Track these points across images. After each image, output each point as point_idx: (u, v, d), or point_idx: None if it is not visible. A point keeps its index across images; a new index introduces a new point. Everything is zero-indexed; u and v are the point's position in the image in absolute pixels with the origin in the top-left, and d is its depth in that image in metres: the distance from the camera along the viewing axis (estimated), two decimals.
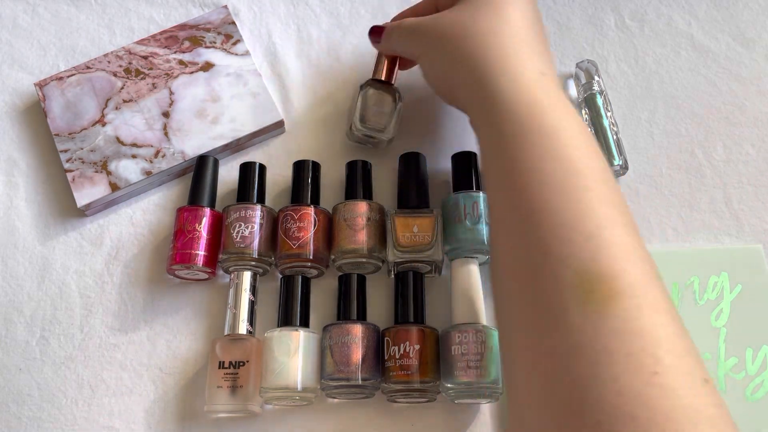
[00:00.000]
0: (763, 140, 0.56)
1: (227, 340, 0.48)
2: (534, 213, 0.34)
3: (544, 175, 0.35)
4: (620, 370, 0.28)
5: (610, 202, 0.34)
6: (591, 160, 0.36)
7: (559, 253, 0.32)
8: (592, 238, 0.32)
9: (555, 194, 0.34)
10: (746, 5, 0.62)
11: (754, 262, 0.52)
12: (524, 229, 0.34)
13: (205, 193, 0.53)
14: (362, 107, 0.53)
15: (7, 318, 0.52)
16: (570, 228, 0.32)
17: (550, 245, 0.33)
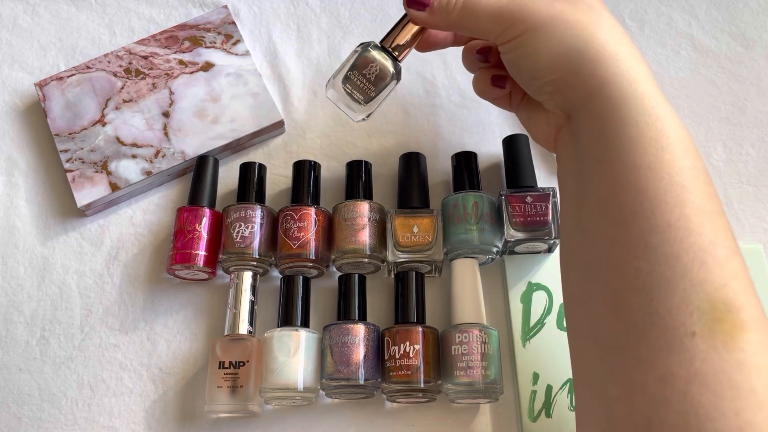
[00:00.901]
0: (763, 140, 0.56)
1: (227, 340, 0.48)
2: (668, 229, 0.32)
3: (685, 191, 0.33)
4: (744, 404, 0.28)
5: (729, 228, 0.34)
6: (711, 185, 0.35)
7: (693, 277, 0.31)
8: (724, 265, 0.31)
9: (693, 214, 0.32)
10: (746, 5, 0.62)
11: (754, 262, 0.52)
12: (655, 244, 0.32)
13: (205, 193, 0.53)
14: (351, 66, 0.45)
15: (7, 318, 0.52)
16: (706, 251, 0.31)
17: (685, 266, 0.31)
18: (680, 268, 0.31)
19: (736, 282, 0.31)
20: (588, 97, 0.37)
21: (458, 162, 0.53)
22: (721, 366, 0.29)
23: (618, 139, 0.35)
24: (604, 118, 0.36)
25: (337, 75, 0.45)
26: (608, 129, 0.36)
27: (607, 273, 0.34)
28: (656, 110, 0.35)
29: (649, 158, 0.34)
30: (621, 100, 0.36)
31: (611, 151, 0.35)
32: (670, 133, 0.34)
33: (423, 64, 0.61)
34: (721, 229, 0.33)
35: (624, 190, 0.34)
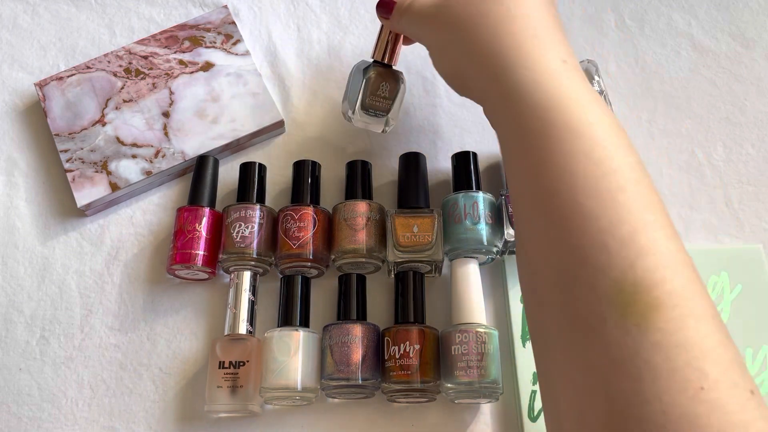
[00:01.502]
0: (763, 140, 0.57)
1: (227, 340, 0.48)
2: (565, 219, 0.32)
3: (574, 177, 0.32)
4: (664, 386, 0.27)
5: (647, 202, 0.32)
6: (624, 156, 0.33)
7: (595, 262, 0.30)
8: (628, 244, 0.30)
9: (587, 197, 0.31)
10: (746, 5, 0.62)
11: (754, 262, 0.52)
12: (555, 236, 0.32)
13: (205, 193, 0.53)
14: (364, 93, 0.50)
15: (7, 318, 0.52)
16: (605, 233, 0.30)
17: (584, 254, 0.30)
18: (581, 257, 0.31)
19: (646, 259, 0.29)
20: (493, 101, 0.39)
21: (458, 162, 0.53)
22: (636, 350, 0.28)
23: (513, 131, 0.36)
24: (510, 126, 0.37)
25: (354, 105, 0.51)
26: (516, 140, 0.36)
27: (527, 268, 0.35)
28: (568, 111, 0.34)
29: (541, 153, 0.34)
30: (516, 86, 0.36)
31: (525, 158, 0.36)
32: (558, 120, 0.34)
33: (423, 64, 0.61)
34: (622, 206, 0.31)
35: (521, 186, 0.35)
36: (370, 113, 0.51)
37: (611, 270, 0.29)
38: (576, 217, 0.31)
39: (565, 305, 0.31)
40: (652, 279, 0.29)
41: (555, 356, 0.32)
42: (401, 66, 0.60)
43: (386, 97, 0.51)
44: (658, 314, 0.28)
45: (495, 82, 0.37)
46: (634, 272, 0.29)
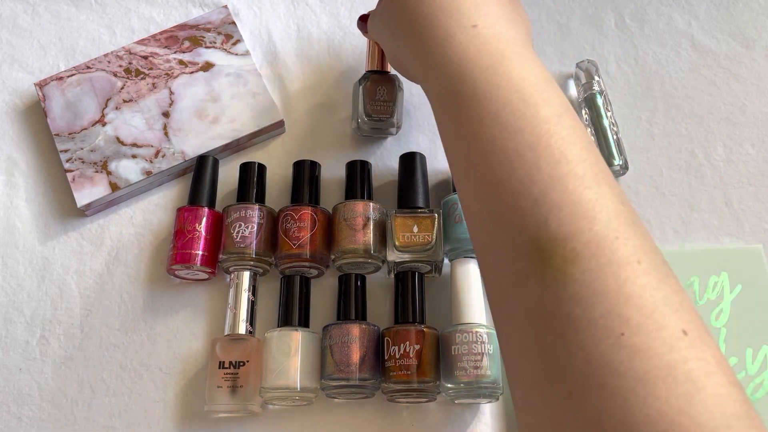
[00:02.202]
0: (763, 140, 0.56)
1: (227, 340, 0.48)
2: (483, 185, 0.32)
3: (484, 143, 0.32)
4: (585, 337, 0.27)
5: (561, 154, 0.31)
6: (538, 110, 0.32)
7: (511, 224, 0.30)
8: (540, 201, 0.30)
9: (498, 162, 0.32)
10: (746, 5, 0.62)
11: (754, 262, 0.52)
12: (479, 205, 0.33)
13: (205, 193, 0.53)
14: (364, 101, 0.53)
15: (7, 318, 0.52)
16: (517, 195, 0.30)
17: (502, 217, 0.31)
18: (500, 222, 0.31)
19: (559, 213, 0.29)
20: (420, 80, 0.41)
21: None
22: (556, 304, 0.28)
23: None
24: (433, 102, 0.39)
25: (359, 116, 0.53)
26: (438, 114, 0.38)
27: (471, 236, 0.35)
28: (474, 78, 0.35)
29: (456, 124, 0.35)
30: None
31: (446, 131, 0.37)
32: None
33: None
34: (531, 164, 0.31)
35: (450, 158, 0.37)
36: (374, 118, 0.53)
37: (527, 229, 0.30)
38: (491, 184, 0.32)
39: (495, 268, 0.32)
40: (567, 231, 0.29)
41: (497, 320, 0.32)
42: None
43: (386, 100, 0.53)
44: (575, 266, 0.28)
45: (418, 61, 0.39)
46: (547, 228, 0.29)
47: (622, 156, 0.54)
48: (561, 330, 0.27)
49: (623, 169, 0.54)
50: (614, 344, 0.26)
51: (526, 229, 0.30)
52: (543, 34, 0.61)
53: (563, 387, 0.27)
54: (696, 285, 0.51)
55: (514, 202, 0.30)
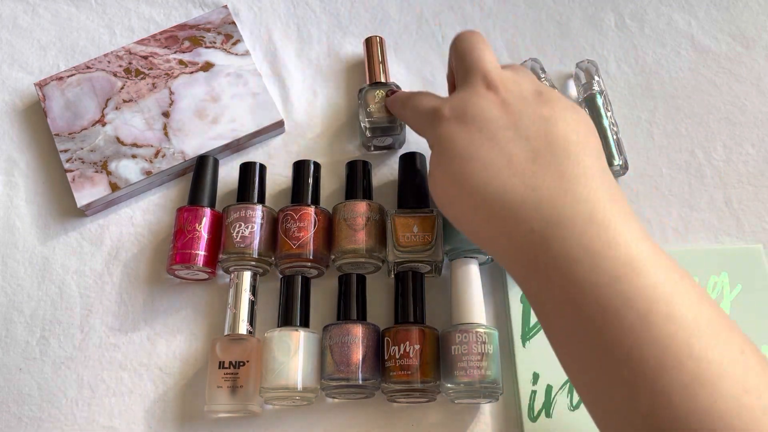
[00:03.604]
0: (763, 140, 0.57)
1: (227, 340, 0.48)
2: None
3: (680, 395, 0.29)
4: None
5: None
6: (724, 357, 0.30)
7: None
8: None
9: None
10: (746, 5, 0.62)
11: (754, 262, 0.52)
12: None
13: (205, 193, 0.53)
14: (364, 106, 0.53)
15: (7, 318, 0.52)
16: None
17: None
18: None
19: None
20: (533, 274, 0.37)
21: None
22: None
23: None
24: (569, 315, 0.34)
25: (362, 119, 0.53)
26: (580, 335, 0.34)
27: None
28: (669, 305, 0.32)
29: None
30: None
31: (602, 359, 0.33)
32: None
33: (423, 64, 0.61)
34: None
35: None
36: (376, 120, 0.53)
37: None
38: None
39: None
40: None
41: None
42: (400, 67, 0.61)
43: (384, 100, 0.54)
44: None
45: (534, 251, 0.35)
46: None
47: (622, 156, 0.54)
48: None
49: (623, 169, 0.54)
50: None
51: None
52: (543, 34, 0.61)
53: None
54: None
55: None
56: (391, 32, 0.62)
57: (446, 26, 0.62)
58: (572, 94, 0.59)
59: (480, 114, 0.39)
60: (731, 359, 0.29)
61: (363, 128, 0.54)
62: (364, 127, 0.54)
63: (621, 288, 0.31)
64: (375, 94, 0.54)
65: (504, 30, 0.62)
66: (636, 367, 0.30)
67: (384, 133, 0.54)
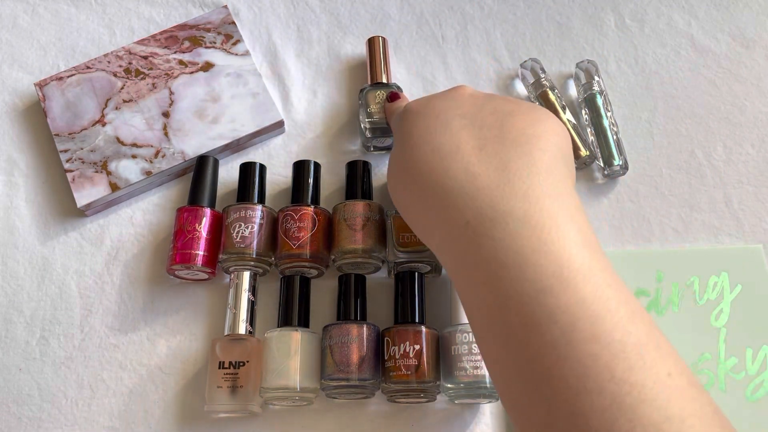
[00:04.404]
0: (763, 140, 0.56)
1: (227, 340, 0.48)
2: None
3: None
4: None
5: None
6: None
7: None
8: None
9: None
10: (746, 5, 0.62)
11: (754, 262, 0.52)
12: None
13: (205, 193, 0.53)
14: (365, 106, 0.54)
15: (7, 318, 0.52)
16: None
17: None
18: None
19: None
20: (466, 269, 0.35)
21: None
22: None
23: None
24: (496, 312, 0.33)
25: (362, 119, 0.54)
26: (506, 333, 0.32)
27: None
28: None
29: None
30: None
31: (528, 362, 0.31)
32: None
33: (423, 64, 0.61)
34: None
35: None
36: (376, 121, 0.53)
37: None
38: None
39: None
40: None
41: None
42: (400, 67, 0.61)
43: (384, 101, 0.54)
44: None
45: (468, 246, 0.34)
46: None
47: (622, 156, 0.54)
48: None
49: (623, 169, 0.54)
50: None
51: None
52: (543, 34, 0.61)
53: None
54: (696, 285, 0.51)
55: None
56: (391, 32, 0.62)
57: (446, 26, 0.62)
58: (572, 94, 0.59)
59: (442, 103, 0.40)
60: (655, 382, 0.28)
61: (363, 128, 0.54)
62: (364, 127, 0.54)
63: (546, 301, 0.29)
64: (376, 95, 0.54)
65: (504, 30, 0.62)
66: (556, 386, 0.28)
67: (384, 133, 0.54)
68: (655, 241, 0.53)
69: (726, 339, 0.49)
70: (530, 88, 0.58)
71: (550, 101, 0.56)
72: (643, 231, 0.54)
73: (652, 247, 0.53)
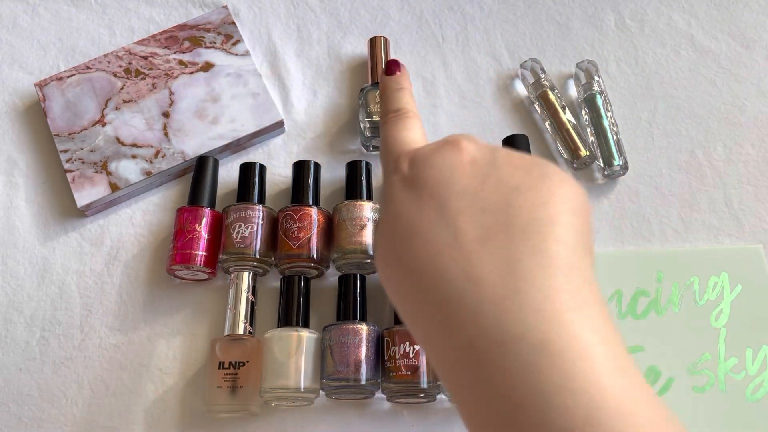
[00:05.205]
0: (763, 140, 0.56)
1: (227, 340, 0.48)
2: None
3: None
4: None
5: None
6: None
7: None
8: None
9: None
10: (746, 5, 0.62)
11: (754, 262, 0.52)
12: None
13: (205, 194, 0.53)
14: (365, 106, 0.54)
15: (7, 318, 0.52)
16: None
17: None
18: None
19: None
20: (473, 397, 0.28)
21: None
22: None
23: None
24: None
25: (362, 119, 0.54)
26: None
27: None
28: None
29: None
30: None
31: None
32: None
33: (423, 64, 0.61)
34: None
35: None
36: (376, 121, 0.53)
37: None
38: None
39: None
40: None
41: None
42: None
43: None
44: None
45: (475, 371, 0.27)
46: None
47: (622, 156, 0.54)
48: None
49: (623, 169, 0.54)
50: None
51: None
52: (543, 34, 0.61)
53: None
54: (696, 285, 0.51)
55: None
56: (391, 32, 0.62)
57: (446, 26, 0.62)
58: (572, 94, 0.59)
59: (437, 175, 0.31)
60: None
61: (363, 128, 0.54)
62: (363, 127, 0.54)
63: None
64: (376, 95, 0.54)
65: (504, 30, 0.62)
66: None
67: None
68: (655, 241, 0.53)
69: (726, 339, 0.49)
70: (530, 88, 0.58)
71: (550, 101, 0.56)
72: (643, 231, 0.54)
73: (652, 247, 0.53)
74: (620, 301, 0.51)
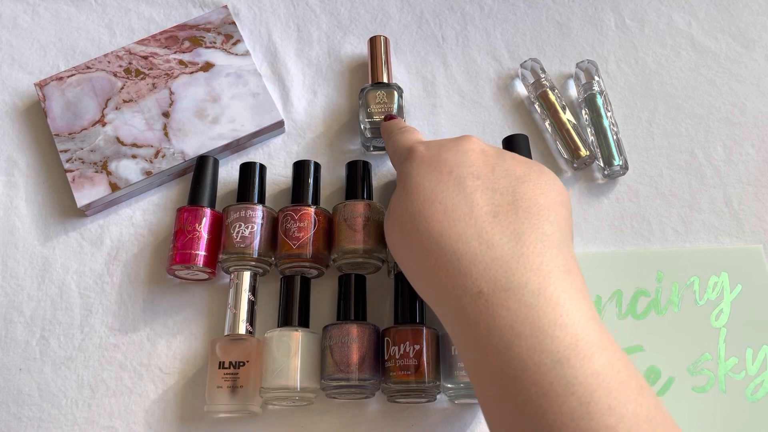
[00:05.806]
0: (763, 140, 0.57)
1: (227, 340, 0.48)
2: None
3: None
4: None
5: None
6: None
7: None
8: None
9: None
10: (746, 5, 0.62)
11: (754, 262, 0.52)
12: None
13: (205, 193, 0.53)
14: (365, 106, 0.54)
15: (7, 318, 0.52)
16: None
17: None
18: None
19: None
20: (457, 324, 0.37)
21: None
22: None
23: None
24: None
25: (362, 119, 0.54)
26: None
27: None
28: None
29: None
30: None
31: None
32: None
33: (423, 64, 0.61)
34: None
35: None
36: (376, 121, 0.54)
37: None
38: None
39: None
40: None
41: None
42: (400, 67, 0.61)
43: (385, 102, 0.54)
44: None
45: (462, 309, 0.35)
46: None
47: (622, 156, 0.54)
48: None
49: (623, 169, 0.54)
50: None
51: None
52: (543, 34, 0.61)
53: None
54: (696, 285, 0.51)
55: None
56: (391, 32, 0.62)
57: (446, 26, 0.62)
58: (572, 94, 0.59)
59: (454, 157, 0.39)
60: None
61: (363, 129, 0.54)
62: (363, 127, 0.54)
63: (564, 372, 0.30)
64: (376, 95, 0.54)
65: (504, 30, 0.62)
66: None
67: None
68: (655, 241, 0.53)
69: (726, 339, 0.49)
70: (530, 88, 0.58)
71: (550, 101, 0.56)
72: (643, 231, 0.54)
73: (652, 247, 0.53)
74: (620, 301, 0.51)
